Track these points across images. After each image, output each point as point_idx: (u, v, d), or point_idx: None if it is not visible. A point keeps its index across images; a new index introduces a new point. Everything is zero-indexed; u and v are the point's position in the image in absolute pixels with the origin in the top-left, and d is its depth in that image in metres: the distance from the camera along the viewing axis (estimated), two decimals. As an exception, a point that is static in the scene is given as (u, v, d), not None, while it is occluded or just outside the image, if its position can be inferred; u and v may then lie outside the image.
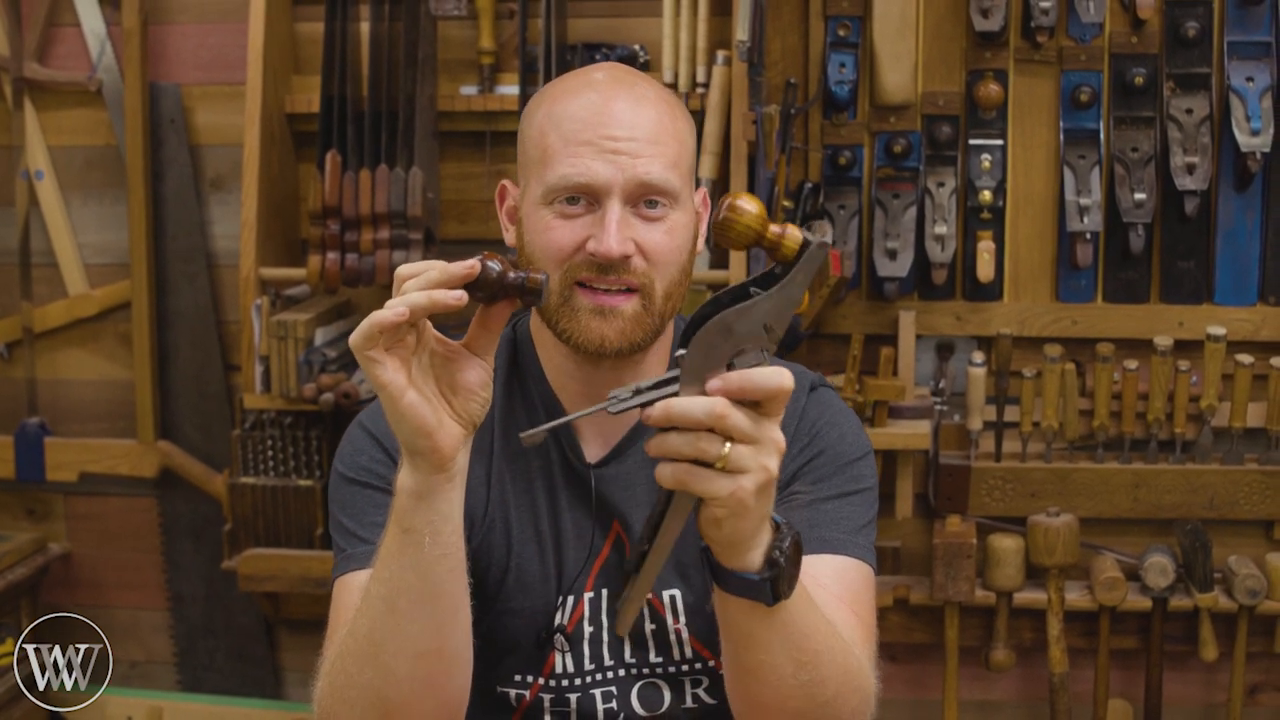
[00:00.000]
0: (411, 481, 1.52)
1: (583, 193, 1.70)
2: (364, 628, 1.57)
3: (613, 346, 1.72)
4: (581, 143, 1.70)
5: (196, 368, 3.65)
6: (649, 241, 1.71)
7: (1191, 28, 3.18)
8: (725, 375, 1.40)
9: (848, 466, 1.85)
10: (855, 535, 1.80)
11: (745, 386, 1.39)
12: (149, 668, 3.82)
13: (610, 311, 1.71)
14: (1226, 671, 3.34)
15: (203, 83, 3.59)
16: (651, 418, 1.40)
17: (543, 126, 1.74)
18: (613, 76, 1.77)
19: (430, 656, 1.57)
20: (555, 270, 1.71)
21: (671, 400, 1.39)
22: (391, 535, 1.54)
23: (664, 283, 1.73)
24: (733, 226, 1.42)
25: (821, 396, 1.90)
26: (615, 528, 1.82)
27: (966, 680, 3.43)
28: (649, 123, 1.72)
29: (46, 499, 3.79)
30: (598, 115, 1.71)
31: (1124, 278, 3.29)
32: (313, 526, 3.41)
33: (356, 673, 1.58)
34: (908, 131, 3.27)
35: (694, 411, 1.38)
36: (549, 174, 1.71)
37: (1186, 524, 3.25)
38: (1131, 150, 3.20)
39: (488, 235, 3.45)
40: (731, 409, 1.38)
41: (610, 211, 1.69)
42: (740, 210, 1.42)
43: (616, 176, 1.69)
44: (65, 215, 3.67)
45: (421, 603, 1.55)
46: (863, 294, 3.34)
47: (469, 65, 3.44)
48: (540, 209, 1.73)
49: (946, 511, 3.32)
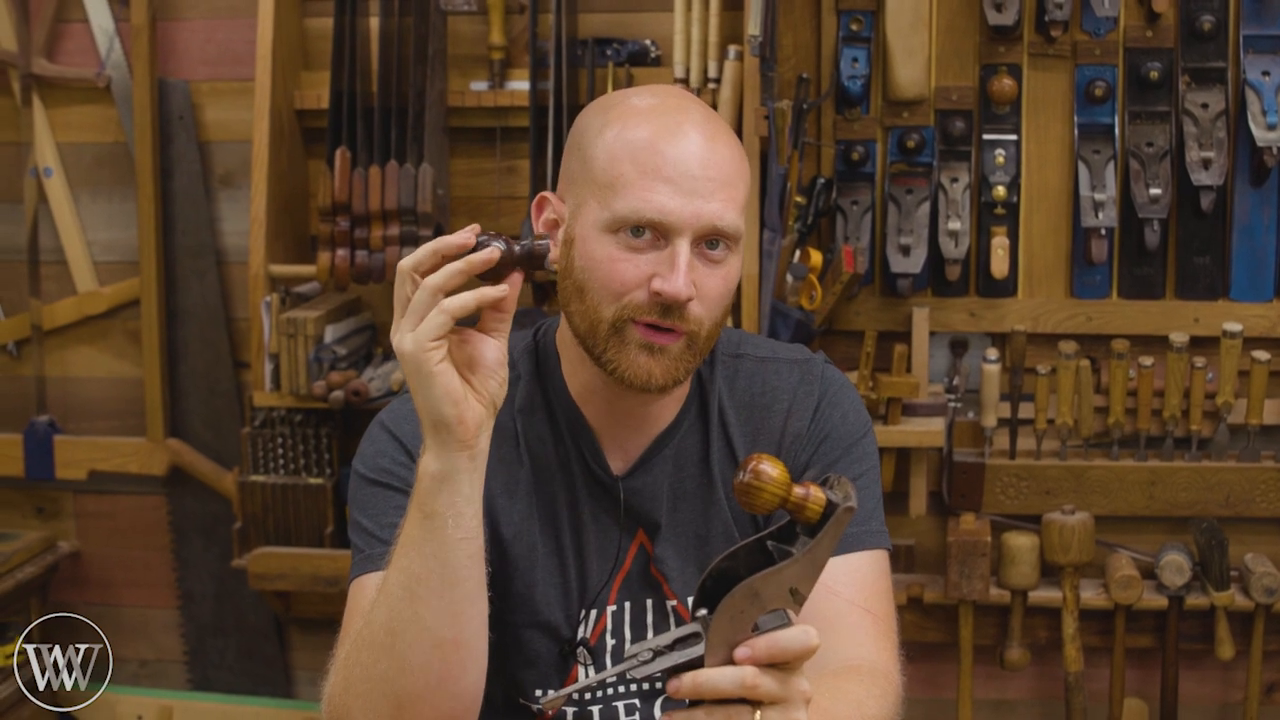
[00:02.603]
0: (436, 464, 1.52)
1: (652, 228, 1.66)
2: (381, 617, 1.57)
3: (658, 384, 1.70)
4: (658, 177, 1.65)
5: (206, 365, 3.64)
6: (706, 286, 1.68)
7: (1207, 21, 3.16)
8: (753, 643, 1.41)
9: (853, 447, 1.85)
10: (868, 523, 1.80)
11: (774, 652, 1.41)
12: (159, 666, 3.81)
13: (660, 350, 1.68)
14: (1243, 670, 3.32)
15: (212, 79, 3.59)
16: (681, 690, 1.41)
17: (612, 150, 1.68)
18: (678, 104, 1.72)
19: (447, 646, 1.56)
20: (611, 303, 1.68)
21: (700, 674, 1.41)
22: (413, 522, 1.54)
23: (710, 324, 1.71)
24: (758, 494, 1.41)
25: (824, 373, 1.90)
26: (639, 538, 1.81)
27: (981, 679, 3.42)
28: (725, 162, 1.68)
29: (56, 497, 3.78)
30: (672, 147, 1.66)
31: (1139, 273, 3.27)
32: (323, 525, 3.40)
33: (371, 664, 1.57)
34: (921, 126, 3.25)
35: (725, 685, 1.40)
36: (618, 202, 1.66)
37: (1202, 522, 3.23)
38: (1146, 145, 3.18)
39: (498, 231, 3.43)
40: (761, 676, 1.41)
41: (680, 253, 1.65)
42: (765, 476, 1.40)
43: (690, 217, 1.65)
44: (74, 212, 3.66)
45: (441, 590, 1.54)
46: (876, 290, 3.33)
47: (479, 60, 3.43)
48: (600, 235, 1.68)
49: (961, 509, 3.30)
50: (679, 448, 1.82)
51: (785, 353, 1.90)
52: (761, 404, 1.84)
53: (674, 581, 1.81)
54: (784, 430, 1.83)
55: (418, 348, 1.48)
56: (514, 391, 1.82)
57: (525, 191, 3.39)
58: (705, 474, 1.82)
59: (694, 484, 1.82)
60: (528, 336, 1.86)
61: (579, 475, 1.81)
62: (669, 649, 1.44)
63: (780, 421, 1.84)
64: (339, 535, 3.40)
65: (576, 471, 1.81)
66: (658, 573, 1.81)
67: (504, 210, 3.45)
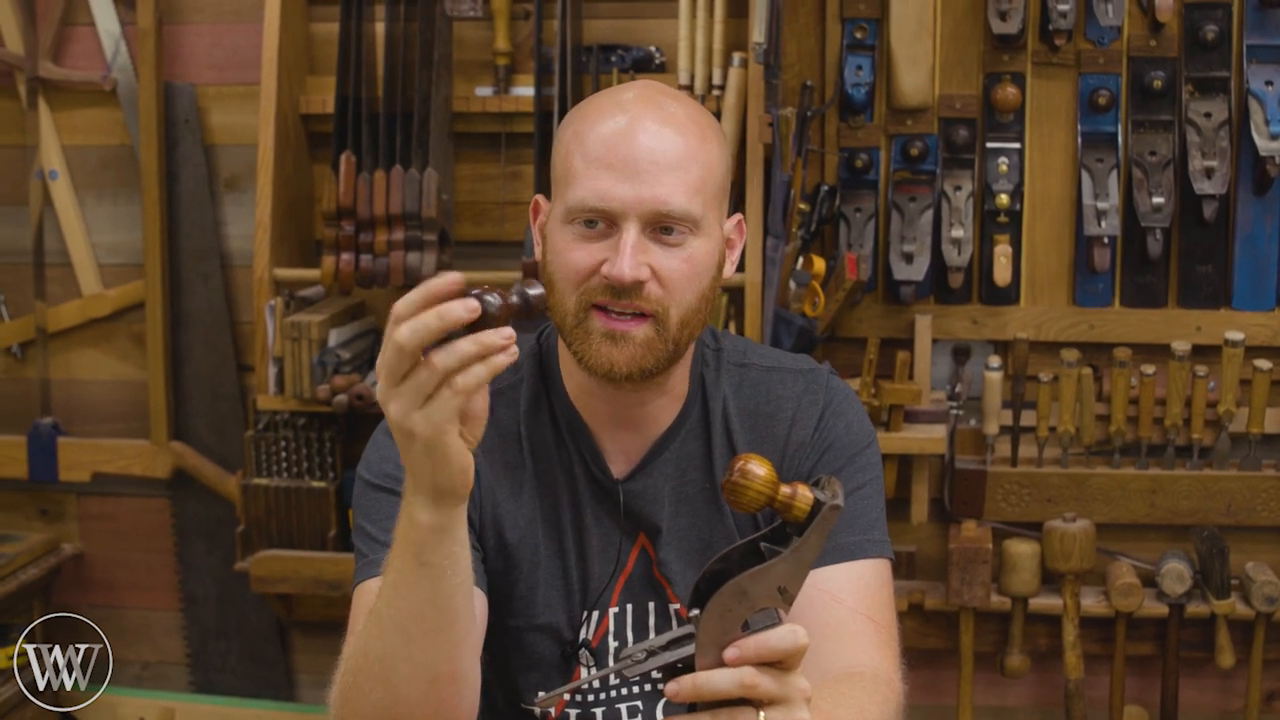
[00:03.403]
0: (435, 518, 1.46)
1: (600, 216, 1.68)
2: (376, 651, 1.55)
3: (621, 372, 1.70)
4: (602, 165, 1.68)
5: (210, 368, 3.65)
6: (665, 268, 1.69)
7: (1210, 31, 3.17)
8: (742, 643, 1.41)
9: (857, 456, 1.85)
10: (871, 532, 1.81)
11: (763, 652, 1.41)
12: (161, 669, 3.82)
13: (622, 337, 1.69)
14: (1243, 678, 3.33)
15: (217, 83, 3.59)
16: (680, 693, 1.42)
17: (569, 145, 1.73)
18: (643, 97, 1.74)
19: (443, 680, 1.55)
20: (571, 292, 1.70)
21: (699, 676, 1.42)
22: (407, 567, 1.49)
23: (680, 310, 1.71)
24: (744, 492, 1.41)
25: (828, 383, 1.90)
26: (641, 541, 1.82)
27: (981, 686, 3.42)
28: (673, 147, 1.69)
29: (59, 499, 3.78)
30: (621, 138, 1.69)
31: (1141, 282, 3.28)
32: (326, 528, 3.41)
33: (369, 691, 1.56)
34: (925, 134, 3.26)
35: (724, 685, 1.41)
36: (570, 194, 1.70)
37: (1203, 530, 3.24)
38: (1150, 154, 3.19)
39: (502, 237, 3.45)
40: (759, 676, 1.41)
41: (626, 236, 1.67)
42: (751, 475, 1.41)
43: (633, 202, 1.67)
44: (79, 215, 3.67)
45: (437, 631, 1.52)
46: (879, 297, 3.33)
47: (484, 66, 3.44)
48: (561, 228, 1.72)
49: (962, 516, 3.31)
50: (680, 452, 1.83)
51: (791, 362, 1.90)
52: (766, 412, 1.85)
53: (677, 585, 1.82)
54: (788, 438, 1.84)
55: (435, 430, 1.38)
56: (519, 393, 1.83)
57: (529, 197, 3.39)
58: (708, 479, 1.83)
59: (696, 489, 1.83)
60: (532, 339, 1.88)
61: (580, 478, 1.82)
62: (663, 649, 1.44)
63: (784, 429, 1.84)
64: (341, 539, 3.41)
65: (578, 474, 1.82)
66: (661, 576, 1.81)
67: (508, 215, 3.45)
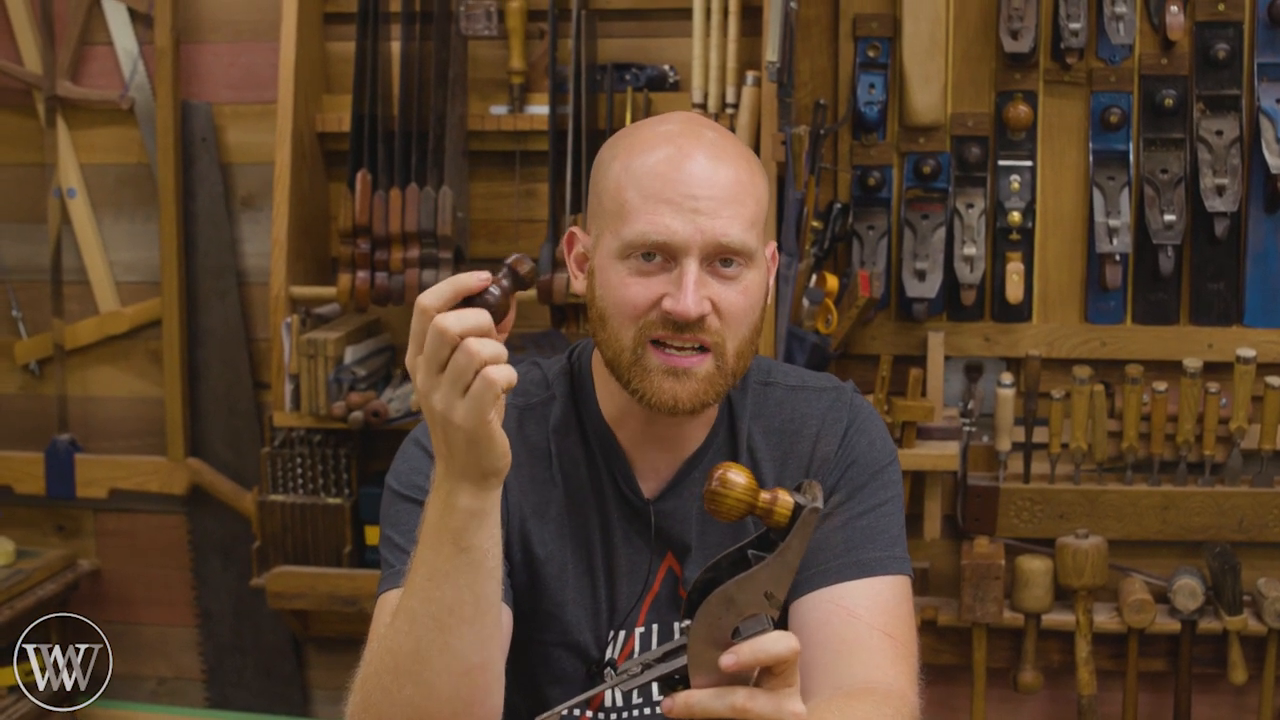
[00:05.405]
0: (474, 502, 1.52)
1: (660, 251, 1.69)
2: (408, 647, 1.57)
3: (685, 407, 1.72)
4: (660, 200, 1.68)
5: (226, 385, 3.67)
6: (724, 301, 1.70)
7: (1221, 49, 3.18)
8: (738, 649, 1.43)
9: (879, 473, 1.86)
10: (891, 548, 1.81)
11: (760, 656, 1.43)
12: (177, 684, 3.83)
13: (684, 373, 1.70)
14: (1256, 694, 3.33)
15: (234, 101, 3.62)
16: (673, 710, 1.44)
17: (620, 180, 1.72)
18: (688, 129, 1.75)
19: (475, 672, 1.58)
20: (629, 326, 1.71)
21: (692, 695, 1.45)
22: (443, 557, 1.54)
23: (736, 341, 1.72)
24: (724, 500, 1.43)
25: (852, 401, 1.92)
26: (669, 560, 1.84)
27: (994, 702, 3.42)
28: (728, 181, 1.70)
29: (76, 515, 3.80)
30: (676, 171, 1.69)
31: (1153, 299, 3.29)
32: (342, 544, 3.42)
33: (396, 690, 1.58)
34: (937, 152, 3.27)
35: (718, 708, 1.43)
36: (625, 230, 1.70)
37: (1215, 546, 3.24)
38: (1161, 172, 3.20)
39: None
40: (753, 696, 1.43)
41: (688, 271, 1.68)
42: (730, 484, 1.43)
43: (695, 236, 1.68)
44: (97, 233, 3.69)
45: (473, 619, 1.56)
46: (891, 315, 3.34)
47: (499, 85, 3.46)
48: (615, 263, 1.71)
49: (975, 533, 3.31)
50: (708, 471, 1.84)
51: (815, 381, 1.92)
52: (791, 430, 1.86)
53: None
54: (813, 454, 1.85)
55: (479, 418, 1.46)
56: (549, 411, 1.85)
57: (544, 215, 3.41)
58: None
59: None
60: (563, 359, 1.89)
61: (611, 497, 1.83)
62: (659, 661, 1.46)
63: (809, 446, 1.86)
64: (357, 555, 3.42)
65: (609, 494, 1.83)
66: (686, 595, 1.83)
67: (523, 233, 3.47)
